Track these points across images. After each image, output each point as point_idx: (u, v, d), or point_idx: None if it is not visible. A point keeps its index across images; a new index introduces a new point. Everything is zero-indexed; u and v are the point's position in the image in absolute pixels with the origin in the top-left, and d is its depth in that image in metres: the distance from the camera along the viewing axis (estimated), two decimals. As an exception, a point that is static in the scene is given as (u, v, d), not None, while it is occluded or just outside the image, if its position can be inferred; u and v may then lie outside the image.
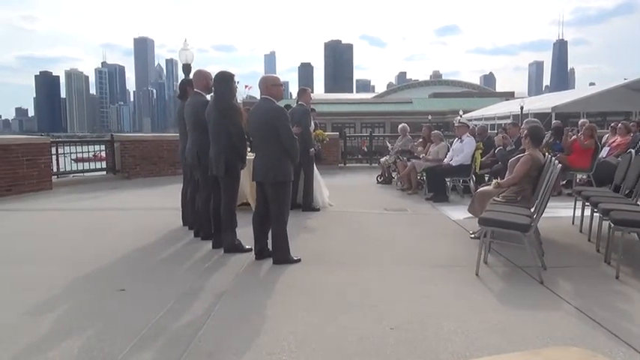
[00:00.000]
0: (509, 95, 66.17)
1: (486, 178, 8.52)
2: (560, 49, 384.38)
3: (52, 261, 4.71)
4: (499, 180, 5.54)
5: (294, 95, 9.23)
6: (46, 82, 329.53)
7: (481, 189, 5.81)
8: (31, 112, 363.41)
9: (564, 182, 8.87)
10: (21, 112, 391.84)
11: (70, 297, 3.73)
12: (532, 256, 4.18)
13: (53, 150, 10.06)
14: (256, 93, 4.99)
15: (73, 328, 3.14)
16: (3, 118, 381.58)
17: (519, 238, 4.17)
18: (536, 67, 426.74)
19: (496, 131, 13.07)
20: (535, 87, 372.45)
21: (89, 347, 2.87)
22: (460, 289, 3.87)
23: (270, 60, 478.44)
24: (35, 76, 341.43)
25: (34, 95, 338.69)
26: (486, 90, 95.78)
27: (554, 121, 12.03)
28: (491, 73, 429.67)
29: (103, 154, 11.83)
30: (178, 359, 2.73)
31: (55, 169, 10.12)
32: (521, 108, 32.30)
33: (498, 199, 5.10)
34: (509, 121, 21.44)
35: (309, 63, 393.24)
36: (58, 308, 3.50)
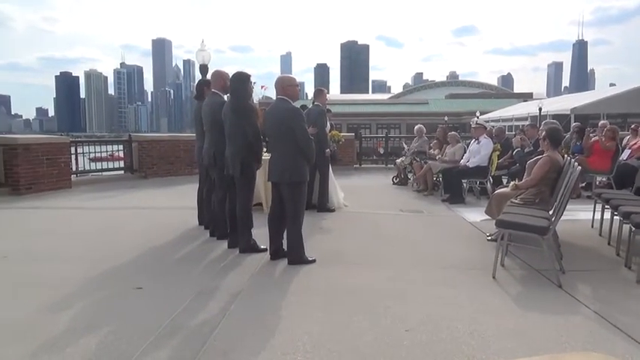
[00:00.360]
0: (527, 96, 65.38)
1: (504, 180, 8.43)
2: (580, 49, 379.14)
3: (71, 259, 4.78)
4: (517, 182, 5.48)
5: (310, 96, 9.24)
6: (65, 83, 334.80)
7: (498, 191, 5.75)
8: (51, 112, 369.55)
9: (584, 184, 8.73)
10: (41, 112, 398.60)
11: (87, 294, 3.78)
12: (550, 260, 4.12)
13: (72, 149, 10.23)
14: (272, 93, 5.01)
15: (91, 325, 3.18)
16: (24, 117, 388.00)
17: (537, 241, 4.12)
18: (555, 68, 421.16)
19: (514, 133, 12.93)
20: (554, 88, 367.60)
21: (106, 344, 2.90)
22: (476, 291, 3.83)
23: (286, 60, 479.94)
24: (55, 76, 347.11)
25: (54, 95, 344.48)
26: (504, 91, 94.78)
27: (574, 123, 11.84)
28: (509, 73, 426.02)
29: (120, 153, 11.98)
30: (194, 358, 2.74)
31: (74, 168, 10.29)
32: (540, 109, 31.91)
33: (516, 202, 5.05)
34: (527, 122, 21.20)
35: (325, 64, 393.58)
36: (76, 305, 3.55)
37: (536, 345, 2.91)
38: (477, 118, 33.08)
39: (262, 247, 4.91)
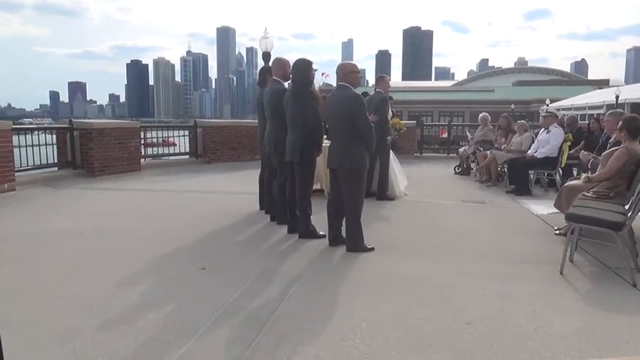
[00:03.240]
0: (603, 83, 61.40)
1: (575, 172, 8.01)
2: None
3: (140, 238, 5.03)
4: (590, 174, 5.18)
5: (372, 83, 9.14)
6: (136, 70, 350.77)
7: (569, 183, 5.47)
8: (122, 99, 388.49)
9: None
10: (113, 98, 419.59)
11: (155, 272, 3.96)
12: (625, 257, 3.88)
13: (141, 134, 10.72)
14: (333, 81, 4.99)
15: (158, 301, 3.34)
16: (98, 103, 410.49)
17: (610, 237, 3.89)
18: (636, 53, 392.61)
19: (587, 122, 12.21)
20: (634, 75, 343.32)
21: (173, 320, 3.04)
22: (542, 287, 3.68)
23: (347, 47, 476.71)
24: (126, 64, 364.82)
25: (125, 82, 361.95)
26: (577, 78, 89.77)
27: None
28: (583, 59, 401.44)
29: (172, 139, 12.42)
30: (254, 338, 2.82)
31: (142, 152, 10.79)
32: (617, 97, 29.91)
33: (588, 195, 4.77)
34: (602, 111, 19.99)
35: (387, 50, 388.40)
36: (145, 282, 3.73)
37: (605, 346, 2.76)
38: (547, 106, 31.49)
39: (321, 233, 4.94)
